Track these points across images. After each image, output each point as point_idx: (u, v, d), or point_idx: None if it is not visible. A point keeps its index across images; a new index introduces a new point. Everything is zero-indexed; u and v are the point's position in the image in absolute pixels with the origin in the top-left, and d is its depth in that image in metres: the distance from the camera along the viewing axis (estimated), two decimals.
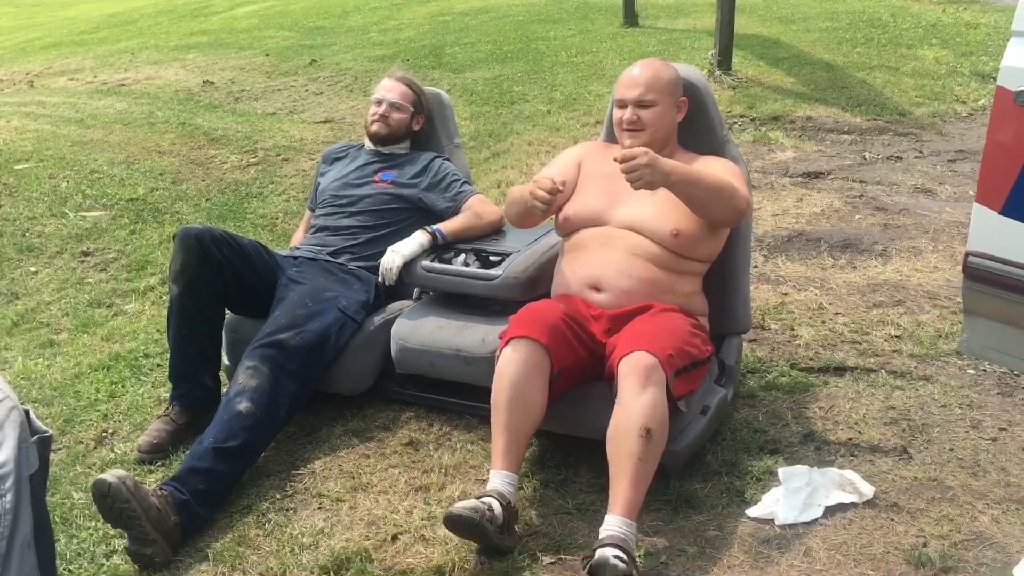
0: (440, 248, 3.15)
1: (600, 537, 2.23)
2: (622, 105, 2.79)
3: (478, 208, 3.26)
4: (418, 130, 3.47)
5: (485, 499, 2.31)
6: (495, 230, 3.26)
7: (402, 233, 3.21)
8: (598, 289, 2.68)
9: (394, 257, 3.09)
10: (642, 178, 2.43)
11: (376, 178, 3.35)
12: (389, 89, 3.41)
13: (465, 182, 3.36)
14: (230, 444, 2.61)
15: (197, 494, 2.51)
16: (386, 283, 3.12)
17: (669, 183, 2.49)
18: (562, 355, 2.51)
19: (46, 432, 1.05)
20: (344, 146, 3.62)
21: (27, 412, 1.05)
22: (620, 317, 2.62)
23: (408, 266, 3.10)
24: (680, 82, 2.83)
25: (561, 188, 2.61)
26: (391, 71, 3.54)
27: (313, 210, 3.50)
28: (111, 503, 2.33)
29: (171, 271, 2.97)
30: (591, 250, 2.73)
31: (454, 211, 3.26)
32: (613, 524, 2.24)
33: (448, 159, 3.43)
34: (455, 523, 2.27)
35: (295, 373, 2.80)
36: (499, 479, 2.38)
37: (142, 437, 2.90)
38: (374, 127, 3.40)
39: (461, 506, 2.27)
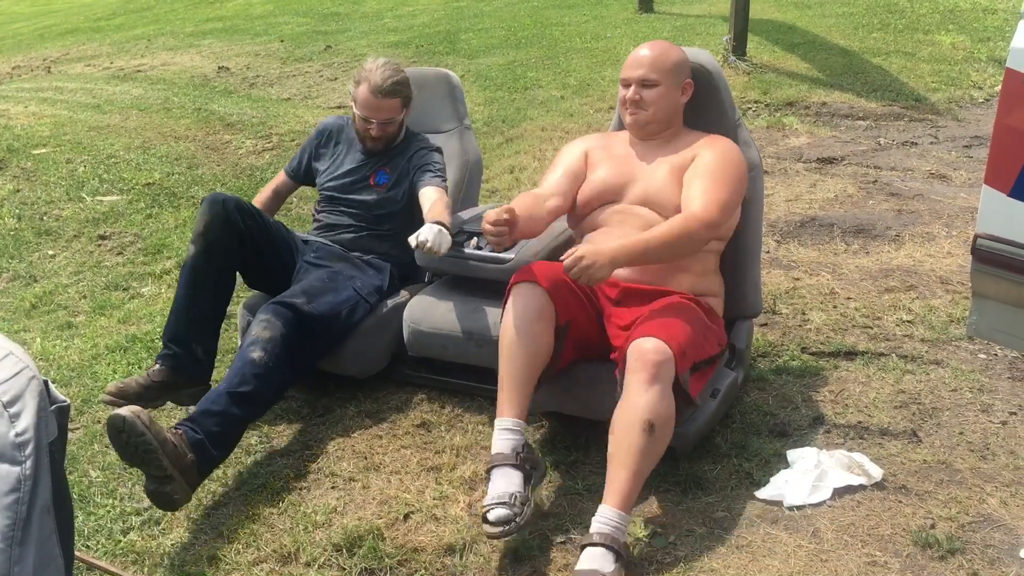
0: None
1: (591, 531, 2.24)
2: (626, 84, 2.80)
3: (447, 200, 3.15)
4: (405, 119, 3.36)
5: (505, 493, 2.28)
6: None
7: (402, 231, 3.20)
8: None
9: (442, 239, 2.90)
10: (591, 279, 2.41)
11: (372, 181, 3.30)
12: (377, 109, 3.21)
13: (438, 175, 3.25)
14: (243, 389, 2.65)
15: (211, 435, 2.54)
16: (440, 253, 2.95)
17: (618, 266, 2.47)
18: (567, 303, 2.53)
19: (64, 402, 1.08)
20: (339, 125, 3.50)
21: (46, 383, 1.08)
22: (632, 292, 2.63)
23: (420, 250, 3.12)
24: (686, 64, 2.82)
25: (506, 217, 2.53)
26: (368, 78, 3.21)
27: (291, 177, 3.49)
28: (126, 438, 2.33)
29: (193, 232, 2.99)
30: (609, 228, 2.75)
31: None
32: (607, 516, 2.25)
33: (438, 150, 3.36)
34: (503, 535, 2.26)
35: (303, 336, 2.84)
36: (505, 432, 2.40)
37: (113, 382, 2.88)
38: (370, 143, 3.30)
39: (495, 520, 2.26)
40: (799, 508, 2.45)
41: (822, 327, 3.40)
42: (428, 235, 2.84)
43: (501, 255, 2.99)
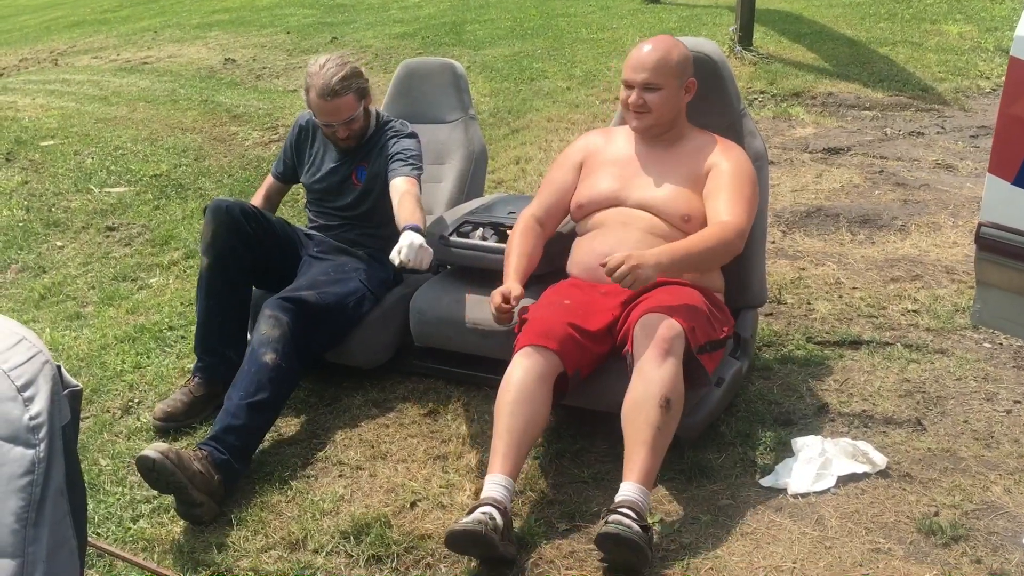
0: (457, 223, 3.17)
1: (616, 500, 2.26)
2: (628, 86, 2.76)
3: (415, 191, 3.03)
4: (369, 107, 3.23)
5: (484, 509, 2.24)
6: None
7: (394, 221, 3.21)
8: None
9: (423, 254, 2.78)
10: (636, 280, 2.39)
11: (353, 179, 3.23)
12: (332, 112, 3.07)
13: (410, 163, 3.11)
14: (260, 397, 2.67)
15: (235, 451, 2.59)
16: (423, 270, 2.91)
17: (663, 271, 2.45)
18: (575, 356, 2.53)
19: (77, 386, 1.10)
20: (315, 120, 3.28)
21: (59, 368, 1.10)
22: (639, 293, 2.64)
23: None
24: (690, 62, 2.79)
25: (514, 305, 2.63)
26: (313, 84, 3.05)
27: (279, 179, 3.43)
28: (157, 476, 2.42)
29: (202, 243, 3.02)
30: (610, 229, 2.76)
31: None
32: (629, 490, 2.26)
33: (410, 135, 3.24)
34: (459, 539, 2.19)
35: (311, 329, 2.86)
36: (495, 486, 2.31)
37: (159, 404, 2.96)
38: (342, 144, 3.20)
39: (463, 521, 2.21)
40: (803, 496, 2.46)
41: (827, 316, 3.41)
42: (409, 255, 2.71)
43: (506, 245, 3.00)
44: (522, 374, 2.45)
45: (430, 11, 9.99)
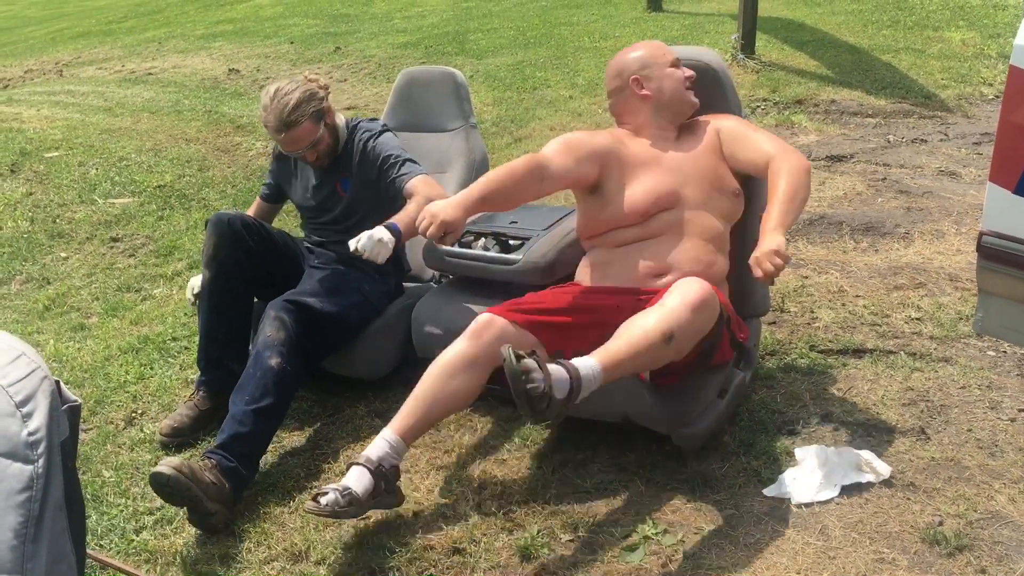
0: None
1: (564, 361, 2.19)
2: (676, 65, 2.84)
3: (425, 191, 2.99)
4: (333, 122, 3.16)
5: (344, 486, 2.28)
6: None
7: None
8: (661, 275, 2.61)
9: (379, 248, 2.78)
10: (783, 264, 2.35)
11: (338, 190, 3.21)
12: (291, 143, 3.02)
13: (407, 160, 3.11)
14: (266, 402, 2.67)
15: (242, 458, 2.59)
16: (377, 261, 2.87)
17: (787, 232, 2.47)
18: (557, 339, 2.50)
19: (76, 401, 1.11)
20: None
21: (57, 383, 1.10)
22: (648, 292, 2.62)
23: (429, 250, 3.13)
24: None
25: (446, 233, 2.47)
26: (266, 122, 2.99)
27: (268, 201, 3.41)
28: (171, 491, 2.42)
29: (204, 256, 3.02)
30: (666, 237, 2.64)
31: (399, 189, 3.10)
32: (585, 362, 2.21)
33: (383, 131, 3.21)
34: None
35: (312, 334, 2.86)
36: (384, 443, 2.38)
37: (165, 420, 2.96)
38: (315, 164, 3.16)
39: (321, 502, 2.24)
40: (807, 506, 2.45)
41: (830, 325, 3.40)
42: (367, 246, 2.73)
43: (508, 256, 3.00)
44: (461, 347, 2.49)
45: (433, 20, 10.02)
